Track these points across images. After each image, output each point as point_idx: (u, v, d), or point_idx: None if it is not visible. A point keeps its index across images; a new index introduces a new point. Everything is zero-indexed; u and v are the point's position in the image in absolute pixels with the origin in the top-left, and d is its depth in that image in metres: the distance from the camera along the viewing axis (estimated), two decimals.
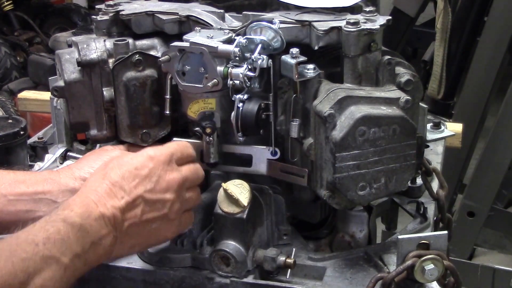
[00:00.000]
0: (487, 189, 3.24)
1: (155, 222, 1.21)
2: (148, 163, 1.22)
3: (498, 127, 3.19)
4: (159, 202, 1.21)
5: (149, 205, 1.20)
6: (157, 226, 1.22)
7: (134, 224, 1.19)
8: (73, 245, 1.07)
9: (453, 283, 1.30)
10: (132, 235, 1.19)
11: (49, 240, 1.05)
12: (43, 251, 1.03)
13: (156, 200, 1.21)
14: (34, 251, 1.02)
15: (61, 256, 1.05)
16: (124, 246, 1.19)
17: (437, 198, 1.60)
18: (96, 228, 1.12)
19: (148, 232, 1.22)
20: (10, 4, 5.17)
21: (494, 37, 3.22)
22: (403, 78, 1.32)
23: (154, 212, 1.21)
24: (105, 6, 1.50)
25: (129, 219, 1.18)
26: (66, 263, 1.06)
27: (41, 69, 4.42)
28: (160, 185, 1.21)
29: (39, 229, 1.06)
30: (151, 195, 1.20)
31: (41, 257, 1.03)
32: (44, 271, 1.02)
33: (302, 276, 1.37)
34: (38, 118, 3.43)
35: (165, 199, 1.22)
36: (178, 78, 1.33)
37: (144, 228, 1.20)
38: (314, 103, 1.29)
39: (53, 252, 1.04)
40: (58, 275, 1.04)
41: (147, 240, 1.24)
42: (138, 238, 1.21)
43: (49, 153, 1.73)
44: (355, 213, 1.45)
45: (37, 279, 1.01)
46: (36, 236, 1.05)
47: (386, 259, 1.38)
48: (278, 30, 1.32)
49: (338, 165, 1.25)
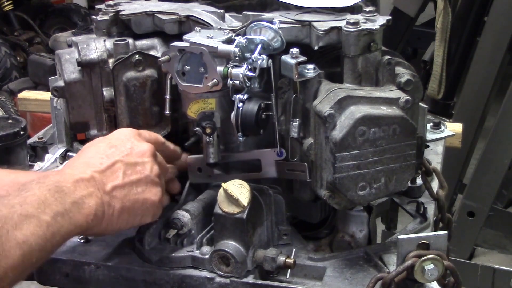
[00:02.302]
0: (487, 189, 3.24)
1: (139, 185, 1.24)
2: (119, 135, 1.29)
3: (498, 127, 3.19)
4: (138, 165, 1.25)
5: (130, 167, 1.24)
6: (143, 189, 1.25)
7: (119, 187, 1.21)
8: (51, 204, 1.08)
9: (453, 283, 1.30)
10: (120, 198, 1.21)
11: (25, 201, 1.06)
12: (20, 211, 1.04)
13: (134, 162, 1.25)
14: (11, 211, 1.03)
15: (40, 214, 1.06)
16: (115, 212, 1.20)
17: (437, 198, 1.60)
18: (74, 189, 1.13)
19: (135, 196, 1.23)
20: (10, 4, 5.17)
21: (494, 37, 3.22)
22: (403, 78, 1.32)
23: (136, 174, 1.24)
24: (105, 6, 1.50)
25: (112, 181, 1.20)
26: (47, 220, 1.06)
27: (41, 69, 4.42)
28: (135, 151, 1.26)
29: (13, 195, 1.07)
30: (129, 158, 1.25)
31: (19, 215, 1.03)
32: (23, 227, 1.03)
33: (302, 276, 1.37)
34: (38, 118, 3.43)
35: (144, 161, 1.26)
36: (178, 78, 1.33)
37: (129, 191, 1.23)
38: (314, 103, 1.29)
39: (31, 211, 1.05)
40: (40, 231, 1.05)
41: (138, 206, 1.24)
42: (126, 202, 1.22)
43: (49, 153, 1.73)
44: (355, 213, 1.45)
45: (18, 234, 1.01)
46: (10, 201, 1.06)
47: (386, 259, 1.38)
48: (278, 30, 1.32)
49: (338, 165, 1.25)
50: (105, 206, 1.18)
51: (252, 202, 1.30)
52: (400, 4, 3.70)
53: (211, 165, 1.38)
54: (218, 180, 1.40)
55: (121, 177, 1.22)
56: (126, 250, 1.41)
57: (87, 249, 1.41)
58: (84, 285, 1.39)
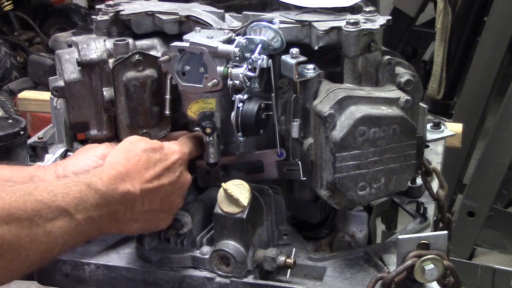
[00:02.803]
0: (487, 189, 3.24)
1: (163, 212, 1.29)
2: (176, 157, 1.30)
3: (498, 127, 3.19)
4: (174, 195, 1.29)
5: (168, 196, 1.28)
6: (164, 217, 1.30)
7: (151, 210, 1.25)
8: (90, 208, 1.11)
9: (453, 283, 1.30)
10: (145, 219, 1.25)
11: (68, 195, 1.08)
12: (60, 202, 1.06)
13: (173, 192, 1.29)
14: (51, 199, 1.06)
15: (75, 212, 1.08)
16: (134, 225, 1.24)
17: (437, 198, 1.60)
18: (117, 201, 1.16)
19: (157, 219, 1.29)
20: (10, 4, 5.17)
21: (494, 37, 3.21)
22: (403, 78, 1.32)
23: (168, 204, 1.29)
24: (105, 6, 1.50)
25: (150, 204, 1.24)
26: (79, 220, 1.09)
27: (41, 69, 4.42)
28: (180, 181, 1.30)
29: (61, 184, 1.10)
30: (171, 188, 1.28)
31: (56, 206, 1.06)
32: (56, 219, 1.05)
33: (302, 276, 1.37)
34: (38, 118, 3.43)
35: (179, 194, 1.31)
36: (178, 78, 1.33)
37: (156, 215, 1.27)
38: (314, 103, 1.29)
39: (70, 206, 1.08)
40: (68, 228, 1.07)
41: (150, 226, 1.30)
42: (148, 222, 1.27)
43: (49, 153, 1.73)
44: (355, 213, 1.45)
45: (48, 224, 1.04)
46: (56, 188, 1.08)
47: (386, 259, 1.38)
48: (278, 30, 1.32)
49: (338, 165, 1.25)
50: (130, 222, 1.22)
51: (252, 202, 1.30)
52: (400, 4, 3.69)
53: (211, 165, 1.38)
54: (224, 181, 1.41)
55: (158, 203, 1.26)
56: (126, 250, 1.41)
57: (87, 249, 1.41)
58: (84, 285, 1.39)
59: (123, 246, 1.42)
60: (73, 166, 1.33)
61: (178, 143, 1.35)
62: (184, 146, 1.34)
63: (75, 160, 1.35)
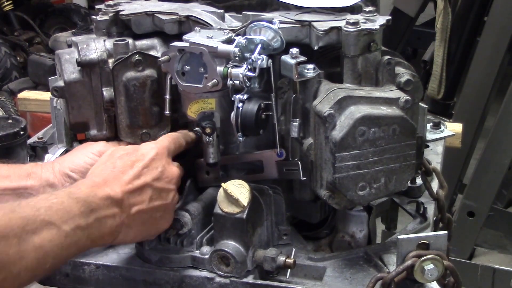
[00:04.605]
0: (487, 189, 3.24)
1: (159, 211, 1.27)
2: (153, 154, 1.27)
3: (498, 127, 3.19)
4: (164, 191, 1.27)
5: (157, 193, 1.25)
6: (161, 215, 1.28)
7: (142, 211, 1.23)
8: (75, 217, 1.10)
9: (453, 283, 1.30)
10: (139, 221, 1.23)
11: (51, 208, 1.07)
12: (44, 216, 1.05)
13: (162, 188, 1.26)
14: (35, 214, 1.05)
15: (62, 224, 1.07)
16: (130, 232, 1.23)
17: (437, 198, 1.60)
18: (101, 207, 1.15)
19: (153, 220, 1.26)
20: (10, 4, 5.17)
21: (494, 37, 3.22)
22: (403, 78, 1.32)
23: (160, 200, 1.26)
24: (105, 6, 1.50)
25: (138, 204, 1.22)
26: (67, 231, 1.08)
27: (41, 69, 4.42)
28: (165, 175, 1.27)
29: (42, 198, 1.09)
30: (158, 183, 1.26)
31: (41, 220, 1.05)
32: (43, 232, 1.04)
33: (302, 276, 1.37)
34: (38, 118, 3.43)
35: (169, 189, 1.28)
36: (178, 78, 1.33)
37: (150, 215, 1.25)
38: (314, 103, 1.29)
39: (54, 219, 1.06)
40: (57, 240, 1.06)
41: (150, 229, 1.28)
42: (144, 225, 1.25)
43: (49, 153, 1.73)
44: (355, 213, 1.45)
45: (36, 239, 1.03)
46: (37, 203, 1.07)
47: (386, 259, 1.38)
48: (278, 30, 1.32)
49: (338, 165, 1.25)
50: (124, 228, 1.21)
51: (252, 202, 1.30)
52: (400, 4, 3.70)
53: (211, 165, 1.38)
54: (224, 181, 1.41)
55: (147, 202, 1.24)
56: (126, 250, 1.41)
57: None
58: (84, 285, 1.39)
59: (123, 246, 1.42)
60: (70, 163, 1.33)
61: (155, 141, 1.33)
62: (161, 142, 1.32)
63: (72, 157, 1.35)
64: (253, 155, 1.41)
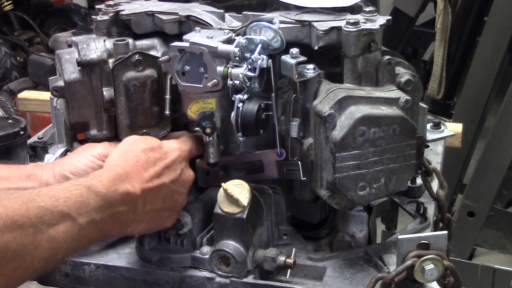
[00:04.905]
0: (487, 189, 3.24)
1: (168, 211, 1.29)
2: (176, 155, 1.29)
3: (498, 127, 3.19)
4: (177, 193, 1.29)
5: (170, 194, 1.27)
6: (168, 215, 1.30)
7: (154, 210, 1.25)
8: (92, 211, 1.11)
9: (453, 283, 1.30)
10: (149, 218, 1.25)
11: (69, 199, 1.08)
12: (62, 207, 1.07)
13: (176, 190, 1.28)
14: (53, 204, 1.06)
15: (78, 216, 1.09)
16: (138, 227, 1.24)
17: (437, 198, 1.60)
18: (118, 202, 1.16)
19: (161, 218, 1.29)
20: (10, 4, 5.17)
21: (494, 37, 3.22)
22: (403, 78, 1.32)
23: (171, 201, 1.28)
24: (105, 6, 1.50)
25: (152, 203, 1.24)
26: (81, 224, 1.09)
27: (41, 69, 4.42)
28: (181, 179, 1.30)
29: (62, 188, 1.10)
30: (173, 186, 1.27)
31: (58, 211, 1.06)
32: (59, 224, 1.06)
33: (302, 276, 1.37)
34: (38, 118, 3.43)
35: (181, 192, 1.30)
36: (178, 78, 1.33)
37: (160, 214, 1.27)
38: (314, 103, 1.29)
39: (71, 210, 1.08)
40: (71, 233, 1.08)
41: (156, 226, 1.30)
42: (151, 222, 1.27)
43: (49, 153, 1.73)
44: (355, 213, 1.45)
45: (51, 230, 1.04)
46: (58, 193, 1.08)
47: (386, 259, 1.38)
48: (278, 30, 1.32)
49: (338, 165, 1.25)
50: (134, 223, 1.22)
51: (252, 202, 1.30)
52: (400, 4, 3.70)
53: (211, 165, 1.38)
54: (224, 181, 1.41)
55: (160, 202, 1.26)
56: (126, 250, 1.41)
57: (87, 249, 1.41)
58: (84, 285, 1.39)
59: (123, 246, 1.42)
60: (70, 165, 1.33)
61: (178, 141, 1.35)
62: (184, 144, 1.34)
63: (72, 159, 1.35)
64: (253, 155, 1.41)
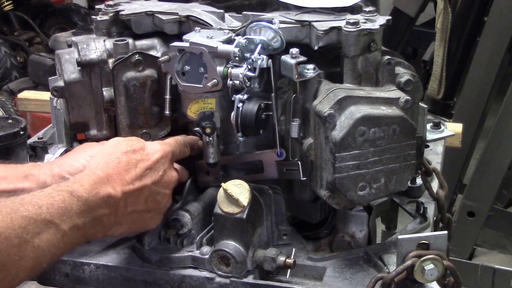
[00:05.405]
0: (487, 189, 3.24)
1: (150, 212, 1.28)
2: (158, 156, 1.28)
3: (498, 127, 3.19)
4: (160, 195, 1.28)
5: (152, 196, 1.26)
6: (151, 216, 1.29)
7: (136, 211, 1.25)
8: (74, 216, 1.11)
9: (453, 283, 1.30)
10: (130, 220, 1.25)
11: (52, 206, 1.08)
12: (45, 215, 1.06)
13: (158, 192, 1.28)
14: (37, 212, 1.06)
15: (61, 223, 1.08)
16: (119, 228, 1.24)
17: (437, 198, 1.60)
18: (100, 206, 1.16)
19: (143, 220, 1.28)
20: (10, 4, 5.17)
21: (494, 37, 3.22)
22: (403, 78, 1.32)
23: (154, 203, 1.28)
24: (105, 6, 1.50)
25: (133, 205, 1.23)
26: (65, 230, 1.09)
27: (41, 69, 4.42)
28: (164, 180, 1.29)
29: (45, 195, 1.10)
30: (156, 187, 1.27)
31: (42, 219, 1.06)
32: (43, 233, 1.05)
33: (302, 276, 1.37)
34: (38, 118, 3.43)
35: (164, 193, 1.30)
36: (178, 78, 1.33)
37: (141, 216, 1.27)
38: (314, 103, 1.29)
39: (54, 217, 1.08)
40: (55, 240, 1.08)
41: (138, 227, 1.30)
42: (133, 223, 1.27)
43: (49, 153, 1.73)
44: (355, 213, 1.45)
45: (36, 239, 1.04)
46: (40, 200, 1.08)
47: (386, 259, 1.38)
48: (278, 30, 1.32)
49: (338, 165, 1.24)
50: (116, 225, 1.22)
51: (252, 202, 1.30)
52: (400, 4, 3.70)
53: (211, 165, 1.38)
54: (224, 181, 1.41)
55: (142, 204, 1.25)
56: (126, 250, 1.41)
57: (87, 249, 1.41)
58: (84, 285, 1.39)
59: (123, 246, 1.42)
60: (68, 166, 1.33)
61: (161, 142, 1.33)
62: (167, 145, 1.33)
63: (70, 159, 1.34)
64: (253, 155, 1.41)
